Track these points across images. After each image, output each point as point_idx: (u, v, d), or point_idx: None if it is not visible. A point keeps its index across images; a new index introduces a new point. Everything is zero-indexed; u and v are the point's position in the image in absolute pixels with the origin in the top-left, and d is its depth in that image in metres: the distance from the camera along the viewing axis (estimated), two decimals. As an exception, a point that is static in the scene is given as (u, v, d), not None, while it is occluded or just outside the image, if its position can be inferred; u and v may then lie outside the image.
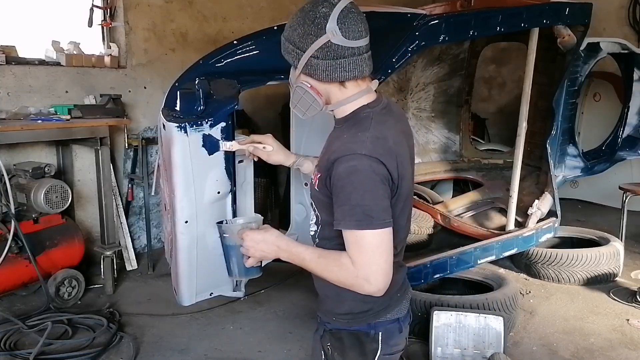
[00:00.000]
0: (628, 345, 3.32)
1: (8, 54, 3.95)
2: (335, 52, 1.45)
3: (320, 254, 1.54)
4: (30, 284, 3.69)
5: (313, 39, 1.45)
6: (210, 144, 2.29)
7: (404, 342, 1.67)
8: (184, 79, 2.47)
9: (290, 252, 1.56)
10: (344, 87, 1.52)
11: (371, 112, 1.52)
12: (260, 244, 1.59)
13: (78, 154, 4.31)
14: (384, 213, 1.42)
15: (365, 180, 1.40)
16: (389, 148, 1.45)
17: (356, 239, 1.42)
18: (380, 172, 1.41)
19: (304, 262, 1.54)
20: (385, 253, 1.43)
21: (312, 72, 1.50)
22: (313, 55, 1.47)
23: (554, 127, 4.22)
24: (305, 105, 1.58)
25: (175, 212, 2.27)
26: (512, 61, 7.13)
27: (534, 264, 4.26)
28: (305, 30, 1.47)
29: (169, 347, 3.23)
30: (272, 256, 1.61)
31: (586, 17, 3.92)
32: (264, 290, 3.97)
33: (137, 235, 4.75)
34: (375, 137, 1.45)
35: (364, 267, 1.42)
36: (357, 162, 1.41)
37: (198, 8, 5.06)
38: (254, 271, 1.75)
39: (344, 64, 1.47)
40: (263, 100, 5.50)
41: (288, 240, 1.60)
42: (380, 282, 1.42)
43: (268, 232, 1.61)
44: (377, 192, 1.41)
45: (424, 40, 2.95)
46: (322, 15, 1.44)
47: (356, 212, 1.40)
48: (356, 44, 1.46)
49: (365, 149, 1.42)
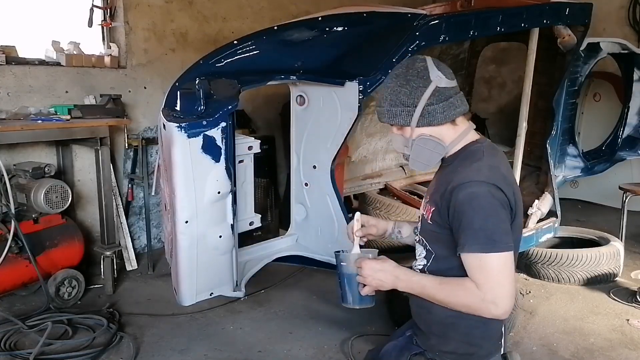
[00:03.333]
0: (628, 345, 3.32)
1: (8, 54, 3.94)
2: (444, 94, 1.63)
3: (441, 280, 1.60)
4: (30, 284, 3.68)
5: (423, 91, 1.62)
6: (210, 144, 2.29)
7: None
8: (184, 79, 2.48)
9: (410, 280, 1.63)
10: (455, 124, 1.67)
11: (481, 146, 1.66)
12: (378, 273, 1.65)
13: (78, 154, 4.31)
14: (506, 236, 1.48)
15: (486, 205, 1.49)
16: (503, 176, 1.56)
17: (480, 262, 1.48)
18: (499, 197, 1.50)
19: (424, 290, 1.59)
20: (509, 275, 1.49)
21: (431, 119, 1.64)
22: (427, 104, 1.62)
23: (554, 127, 4.22)
24: (427, 154, 1.67)
25: (175, 212, 2.27)
26: (512, 61, 7.11)
27: (534, 264, 4.26)
28: (411, 87, 1.63)
29: (169, 347, 3.23)
30: (388, 286, 1.67)
31: (586, 17, 3.92)
32: (264, 290, 3.97)
33: (137, 235, 4.75)
34: (490, 166, 1.57)
35: (490, 290, 1.46)
36: (476, 189, 1.50)
37: (198, 8, 5.06)
38: (368, 300, 1.77)
39: (455, 102, 1.64)
40: (263, 100, 5.50)
41: (406, 270, 1.67)
42: (506, 304, 1.47)
43: (386, 262, 1.68)
44: (499, 216, 1.49)
45: (424, 40, 2.96)
46: (423, 68, 1.63)
47: (479, 236, 1.47)
48: (455, 83, 1.66)
49: (483, 175, 1.52)
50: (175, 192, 2.25)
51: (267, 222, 4.92)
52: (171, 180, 2.26)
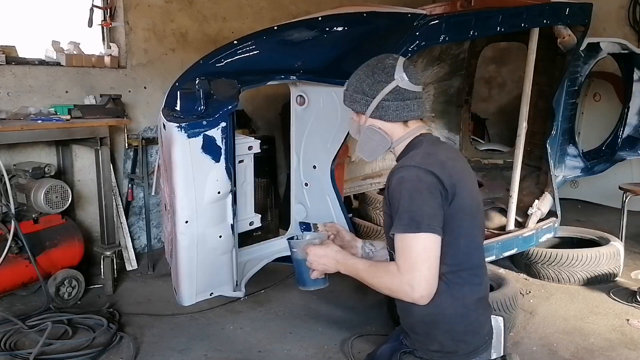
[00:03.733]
0: (628, 345, 3.32)
1: (8, 54, 3.95)
2: (402, 95, 1.70)
3: (371, 264, 1.69)
4: (30, 284, 3.69)
5: (383, 85, 1.71)
6: (210, 144, 2.29)
7: None
8: (184, 79, 2.48)
9: (346, 264, 1.72)
10: (406, 125, 1.75)
11: (424, 138, 1.74)
12: (321, 259, 1.76)
13: (78, 154, 4.31)
14: (430, 219, 1.50)
15: (412, 188, 1.54)
16: (439, 161, 1.60)
17: (403, 243, 1.52)
18: (428, 180, 1.54)
19: (357, 272, 1.68)
20: (430, 260, 1.50)
21: (383, 113, 1.73)
22: (384, 99, 1.70)
23: (554, 127, 4.21)
24: (373, 144, 1.77)
25: (175, 212, 2.27)
26: (512, 61, 7.13)
27: (534, 264, 4.26)
28: (374, 79, 1.72)
29: (169, 347, 3.23)
30: (332, 269, 1.77)
31: (586, 17, 3.92)
32: (264, 290, 3.97)
33: (137, 235, 4.75)
34: (426, 153, 1.64)
35: (407, 272, 1.50)
36: (405, 173, 1.57)
37: (198, 8, 5.06)
38: (320, 282, 1.90)
39: (410, 105, 1.72)
40: (263, 100, 5.50)
41: (345, 254, 1.76)
42: (423, 288, 1.49)
43: (329, 247, 1.78)
44: (422, 199, 1.52)
45: (424, 40, 2.95)
46: (391, 65, 1.72)
47: (403, 218, 1.52)
48: (418, 89, 1.73)
49: (414, 161, 1.59)
50: (175, 192, 2.25)
51: (267, 222, 4.92)
52: (171, 180, 2.26)
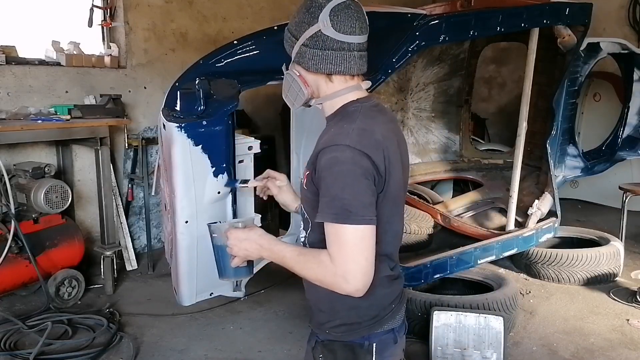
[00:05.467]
0: (628, 345, 3.32)
1: (8, 54, 3.95)
2: (324, 43, 1.45)
3: (300, 251, 1.49)
4: (30, 284, 3.69)
5: (306, 27, 1.47)
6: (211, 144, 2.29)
7: (400, 353, 1.62)
8: (184, 79, 2.47)
9: (271, 250, 1.52)
10: (330, 80, 1.50)
11: (360, 106, 1.49)
12: (243, 243, 1.54)
13: (78, 154, 4.31)
14: (364, 209, 1.36)
15: (347, 173, 1.36)
16: (375, 141, 1.41)
17: (335, 233, 1.38)
18: (364, 164, 1.37)
19: (284, 260, 1.49)
20: (366, 251, 1.37)
21: (301, 60, 1.50)
22: (304, 44, 1.48)
23: (554, 127, 4.22)
24: (293, 94, 1.56)
25: (175, 212, 2.27)
26: (512, 61, 7.13)
27: (534, 264, 4.26)
28: (300, 18, 1.49)
29: (169, 347, 3.23)
30: (255, 255, 1.56)
31: (586, 17, 3.92)
32: (264, 290, 3.97)
33: (137, 235, 4.75)
34: (362, 129, 1.42)
35: (342, 264, 1.36)
36: (339, 154, 1.37)
37: (198, 8, 5.06)
38: (243, 272, 1.66)
39: (331, 57, 1.46)
40: (263, 100, 5.50)
41: (270, 238, 1.55)
42: (358, 281, 1.37)
43: (252, 230, 1.56)
44: (359, 187, 1.37)
45: (424, 40, 2.96)
46: (318, 6, 1.45)
47: (334, 205, 1.36)
48: (346, 39, 1.45)
49: (350, 140, 1.38)
50: (175, 192, 2.25)
51: (267, 222, 4.92)
52: (171, 180, 2.26)
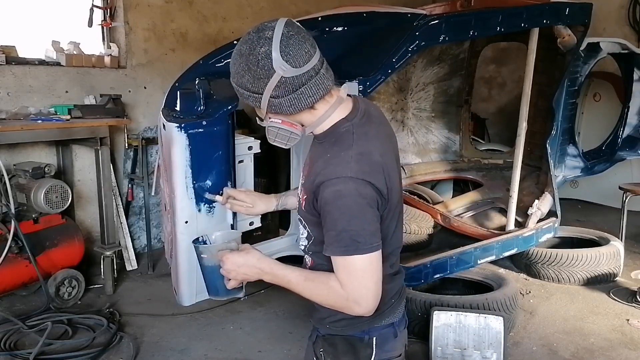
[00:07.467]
0: (628, 345, 3.32)
1: (8, 54, 3.95)
2: (292, 85, 1.40)
3: (306, 276, 1.52)
4: (30, 284, 3.69)
5: (265, 82, 1.39)
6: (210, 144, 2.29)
7: (401, 347, 1.64)
8: (184, 79, 2.48)
9: (274, 275, 1.53)
10: (313, 109, 1.46)
11: (350, 125, 1.47)
12: (242, 268, 1.53)
13: (78, 154, 4.31)
14: (371, 237, 1.39)
15: (352, 205, 1.38)
16: (374, 163, 1.42)
17: (345, 263, 1.41)
18: (367, 194, 1.38)
19: (289, 285, 1.51)
20: (374, 276, 1.42)
21: (278, 110, 1.45)
22: (272, 96, 1.42)
23: (554, 127, 4.22)
24: (284, 138, 1.52)
25: (175, 212, 2.27)
26: (512, 61, 7.13)
27: (534, 264, 4.26)
28: (253, 75, 1.40)
29: (169, 347, 3.23)
30: (254, 279, 1.56)
31: (586, 17, 3.92)
32: (264, 290, 3.97)
33: (137, 235, 4.75)
34: (360, 154, 1.41)
35: (353, 290, 1.41)
36: (342, 187, 1.37)
37: (198, 8, 5.06)
38: (236, 291, 1.65)
39: (306, 91, 1.42)
40: (263, 100, 5.49)
41: (271, 262, 1.56)
42: (370, 304, 1.42)
43: (249, 254, 1.55)
44: (365, 217, 1.39)
45: (424, 40, 2.96)
46: (264, 56, 1.37)
47: (343, 238, 1.38)
48: (309, 66, 1.40)
49: (350, 170, 1.38)
50: (175, 192, 2.25)
51: (267, 222, 4.91)
52: (171, 180, 2.26)
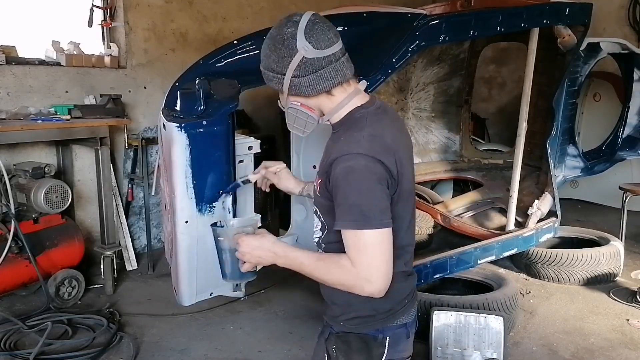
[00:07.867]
0: (628, 345, 3.32)
1: (8, 54, 3.95)
2: (313, 66, 1.50)
3: (318, 257, 1.55)
4: (30, 284, 3.69)
5: (288, 60, 1.50)
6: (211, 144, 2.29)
7: (411, 349, 1.66)
8: (184, 79, 2.47)
9: (287, 257, 1.55)
10: (331, 95, 1.55)
11: (365, 112, 1.55)
12: (256, 250, 1.57)
13: (78, 154, 4.31)
14: (381, 213, 1.42)
15: (362, 180, 1.42)
16: (386, 145, 1.47)
17: (355, 239, 1.43)
18: (377, 171, 1.43)
19: (302, 267, 1.53)
20: (385, 253, 1.43)
21: (298, 90, 1.55)
22: (294, 75, 1.52)
23: (554, 127, 4.21)
24: (302, 123, 1.62)
25: (175, 212, 2.27)
26: (512, 61, 7.13)
27: (534, 264, 4.26)
28: (278, 55, 1.52)
29: (169, 347, 3.23)
30: (268, 262, 1.59)
31: (586, 17, 3.92)
32: (264, 290, 3.97)
33: (137, 235, 4.75)
34: (372, 135, 1.48)
35: (364, 267, 1.42)
36: (353, 162, 1.43)
37: (198, 8, 5.06)
38: (249, 275, 1.70)
39: (325, 74, 1.52)
40: (263, 100, 5.50)
41: (285, 245, 1.59)
42: (380, 282, 1.43)
43: (265, 237, 1.59)
44: (375, 193, 1.43)
45: (424, 40, 2.95)
46: (290, 36, 1.49)
47: (353, 212, 1.42)
48: (330, 51, 1.51)
49: (362, 147, 1.44)
50: (175, 192, 2.25)
51: (267, 222, 4.92)
52: (171, 180, 2.26)
